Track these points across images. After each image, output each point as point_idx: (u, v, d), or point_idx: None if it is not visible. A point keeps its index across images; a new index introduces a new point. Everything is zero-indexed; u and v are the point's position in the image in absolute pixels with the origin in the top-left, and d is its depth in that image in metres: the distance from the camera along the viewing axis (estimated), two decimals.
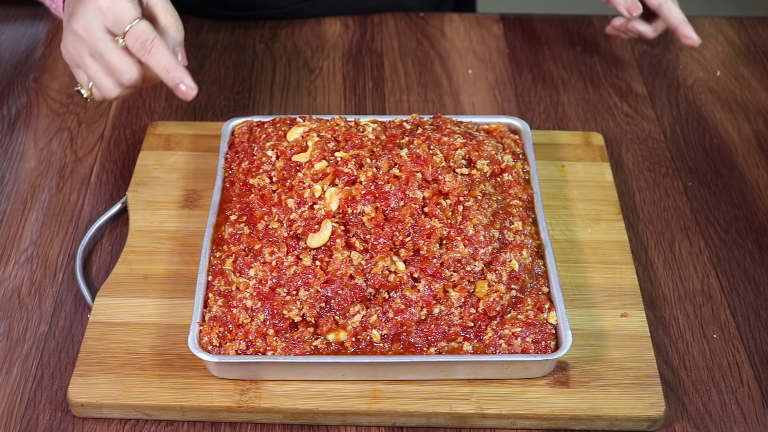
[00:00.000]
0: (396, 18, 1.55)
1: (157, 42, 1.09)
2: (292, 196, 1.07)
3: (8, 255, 1.16)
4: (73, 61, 1.15)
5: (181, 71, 1.10)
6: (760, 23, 1.57)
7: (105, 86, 1.14)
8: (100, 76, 1.13)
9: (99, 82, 1.14)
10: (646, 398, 1.00)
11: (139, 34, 1.09)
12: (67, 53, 1.15)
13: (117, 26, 1.09)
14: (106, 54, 1.11)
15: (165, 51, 1.10)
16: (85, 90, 1.16)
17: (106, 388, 1.00)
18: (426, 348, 1.01)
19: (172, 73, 1.10)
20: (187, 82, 1.10)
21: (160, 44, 1.09)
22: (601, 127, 1.36)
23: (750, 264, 1.17)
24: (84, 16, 1.10)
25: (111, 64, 1.11)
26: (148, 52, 1.09)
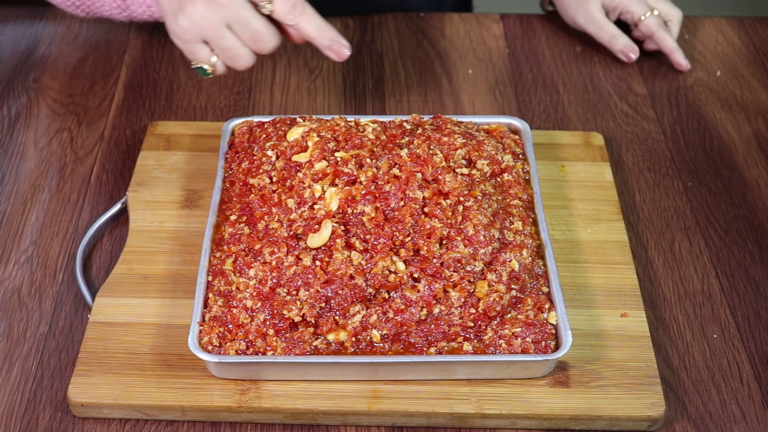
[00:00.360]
0: (396, 18, 1.55)
1: (306, 4, 1.09)
2: (292, 196, 1.07)
3: (8, 255, 1.16)
4: (199, 34, 1.11)
5: (333, 30, 1.10)
6: (760, 23, 1.57)
7: (242, 57, 1.12)
8: (238, 48, 1.11)
9: (236, 52, 1.11)
10: (646, 398, 1.00)
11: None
12: (194, 25, 1.10)
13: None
14: (251, 22, 1.09)
15: (314, 12, 1.10)
16: (209, 66, 1.14)
17: (106, 388, 1.00)
18: (426, 348, 1.01)
19: (327, 32, 1.11)
20: (342, 40, 1.11)
21: (309, 5, 1.09)
22: (601, 127, 1.36)
23: (750, 264, 1.17)
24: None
25: (256, 31, 1.10)
26: (302, 11, 1.09)
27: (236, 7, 1.09)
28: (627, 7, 1.46)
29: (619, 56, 1.45)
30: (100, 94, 1.39)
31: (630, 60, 1.45)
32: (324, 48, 1.11)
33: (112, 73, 1.43)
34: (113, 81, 1.42)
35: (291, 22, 1.10)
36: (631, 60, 1.45)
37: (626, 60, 1.45)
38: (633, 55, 1.44)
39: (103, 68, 1.44)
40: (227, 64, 1.14)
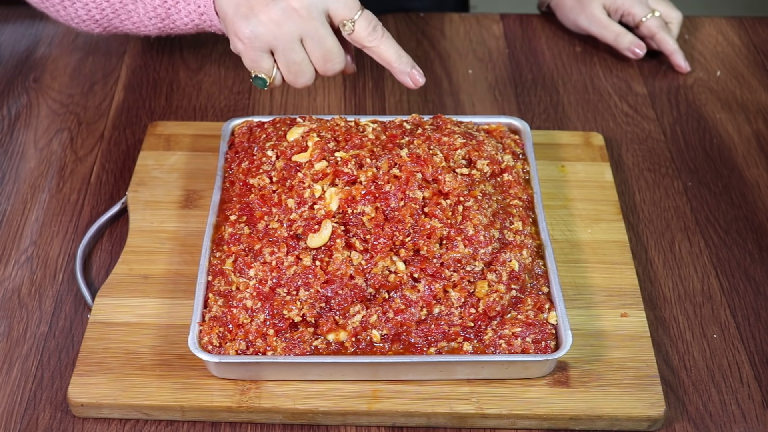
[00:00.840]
0: (396, 18, 1.55)
1: (385, 29, 1.07)
2: (292, 196, 1.07)
3: (8, 255, 1.16)
4: (269, 42, 1.06)
5: (410, 58, 1.09)
6: (760, 23, 1.57)
7: (305, 74, 1.09)
8: (305, 64, 1.07)
9: (300, 69, 1.08)
10: (646, 398, 1.00)
11: (371, 19, 1.06)
12: (267, 32, 1.05)
13: (347, 11, 1.06)
14: (325, 39, 1.06)
15: (392, 37, 1.08)
16: (269, 78, 1.10)
17: (106, 388, 1.00)
18: (426, 348, 1.01)
19: (405, 58, 1.09)
20: (418, 68, 1.09)
21: (386, 31, 1.08)
22: (601, 127, 1.37)
23: (750, 264, 1.17)
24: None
25: (329, 51, 1.07)
26: (382, 35, 1.07)
27: (315, 21, 1.05)
28: (628, 8, 1.46)
29: (626, 54, 1.45)
30: (100, 94, 1.40)
31: (638, 56, 1.45)
32: (401, 73, 1.09)
33: (112, 73, 1.43)
34: (113, 81, 1.42)
35: (371, 44, 1.07)
36: (638, 56, 1.44)
37: (634, 57, 1.45)
38: (640, 51, 1.44)
39: (103, 68, 1.44)
40: (287, 79, 1.10)
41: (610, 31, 1.46)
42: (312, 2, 1.04)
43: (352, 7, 1.06)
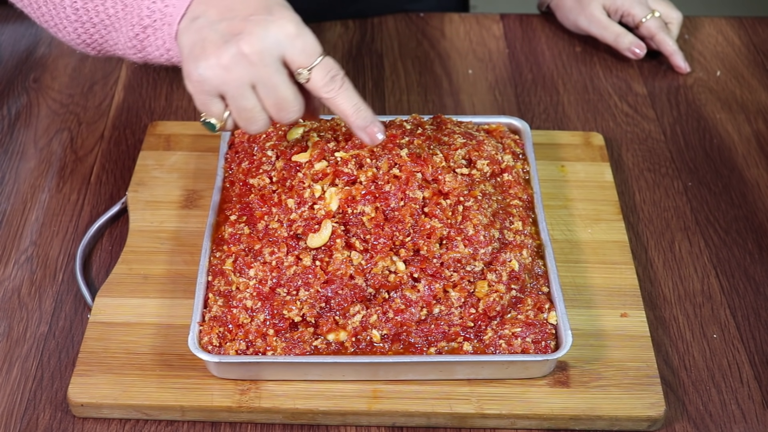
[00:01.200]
0: (396, 19, 1.55)
1: (347, 79, 0.99)
2: (292, 196, 1.07)
3: (8, 255, 1.16)
4: (219, 87, 0.98)
5: (371, 111, 1.00)
6: (760, 23, 1.57)
7: (257, 121, 1.00)
8: (257, 111, 0.99)
9: (252, 116, 0.99)
10: (646, 398, 1.00)
11: (330, 68, 0.97)
12: (216, 77, 0.97)
13: (304, 58, 0.96)
14: (280, 87, 0.97)
15: (353, 88, 0.99)
16: (219, 122, 1.01)
17: (106, 388, 1.00)
18: (426, 348, 1.01)
19: (363, 113, 1.00)
20: (378, 124, 1.00)
21: (348, 81, 0.99)
22: (601, 127, 1.37)
23: (750, 264, 1.17)
24: (262, 39, 0.95)
25: (282, 99, 0.98)
26: (340, 87, 0.98)
27: (268, 68, 0.96)
28: (628, 9, 1.46)
29: (627, 54, 1.45)
30: (100, 94, 1.39)
31: (638, 56, 1.45)
32: (357, 129, 1.01)
33: (112, 73, 1.43)
34: (113, 81, 1.42)
35: (327, 95, 0.98)
36: (638, 56, 1.45)
37: (634, 57, 1.45)
38: (640, 51, 1.44)
39: (103, 68, 1.44)
40: (239, 125, 1.02)
41: (610, 31, 1.46)
42: (265, 47, 0.95)
43: (310, 54, 0.97)
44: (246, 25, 0.96)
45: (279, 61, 0.96)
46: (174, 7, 1.01)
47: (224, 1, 0.98)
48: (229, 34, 0.96)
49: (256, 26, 0.95)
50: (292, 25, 0.96)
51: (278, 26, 0.95)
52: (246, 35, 0.95)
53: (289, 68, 0.98)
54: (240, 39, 0.95)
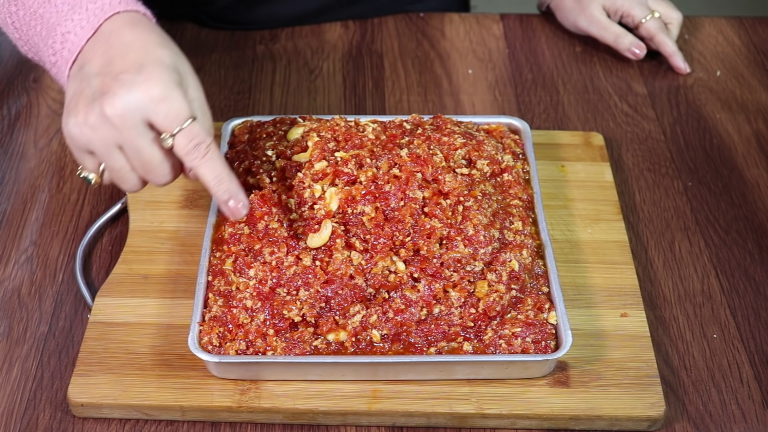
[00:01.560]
0: (396, 19, 1.55)
1: (213, 147, 0.95)
2: (292, 196, 1.07)
3: (8, 255, 1.16)
4: (86, 145, 0.96)
5: (234, 184, 0.97)
6: (760, 23, 1.57)
7: (128, 181, 0.98)
8: (126, 171, 0.97)
9: (123, 176, 0.97)
10: (646, 398, 1.00)
11: (194, 135, 0.94)
12: (81, 135, 0.95)
13: (168, 123, 0.93)
14: (144, 151, 0.94)
15: (219, 158, 0.95)
16: (95, 176, 0.99)
17: (106, 388, 1.00)
18: (426, 348, 1.01)
19: (225, 185, 0.96)
20: (241, 197, 0.97)
21: (214, 149, 0.95)
22: (601, 127, 1.37)
23: (750, 264, 1.17)
24: (124, 102, 0.92)
25: (147, 163, 0.95)
26: (203, 156, 0.94)
27: (131, 132, 0.93)
28: (628, 10, 1.46)
29: (627, 54, 1.45)
30: None
31: (638, 57, 1.45)
32: (219, 202, 0.97)
33: None
34: None
35: (189, 164, 0.95)
36: (638, 57, 1.45)
37: (634, 57, 1.45)
38: (640, 52, 1.44)
39: None
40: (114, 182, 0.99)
41: (609, 32, 1.46)
42: (127, 110, 0.92)
43: (173, 119, 0.93)
44: (113, 84, 0.93)
45: (143, 124, 0.94)
46: (69, 51, 0.99)
47: (108, 52, 0.96)
48: (99, 92, 0.94)
49: (120, 87, 0.93)
50: (158, 88, 0.92)
51: (143, 89, 0.92)
52: (110, 96, 0.93)
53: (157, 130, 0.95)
54: (104, 100, 0.93)
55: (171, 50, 0.97)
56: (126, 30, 0.97)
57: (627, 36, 1.45)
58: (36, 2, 1.02)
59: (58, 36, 1.00)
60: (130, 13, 0.99)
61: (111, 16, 0.98)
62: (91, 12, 0.99)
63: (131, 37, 0.96)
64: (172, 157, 0.96)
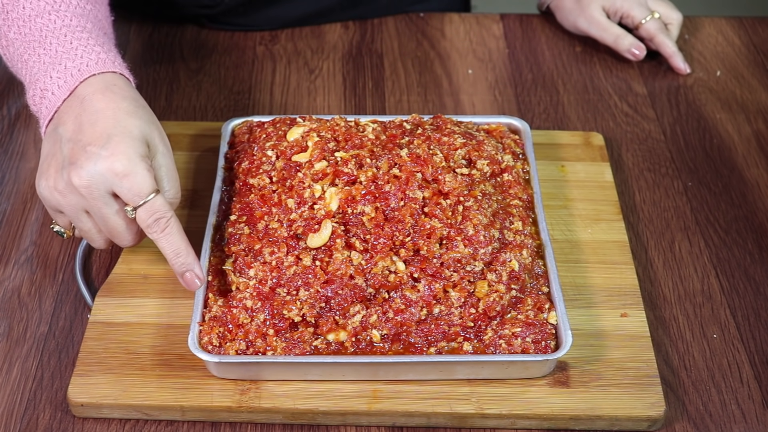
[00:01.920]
0: (396, 19, 1.55)
1: (173, 222, 1.00)
2: (292, 196, 1.07)
3: (8, 255, 1.16)
4: (56, 207, 1.02)
5: (191, 257, 1.01)
6: (760, 23, 1.57)
7: (95, 241, 1.05)
8: (93, 233, 1.04)
9: (90, 237, 1.05)
10: (646, 398, 1.00)
11: (155, 210, 0.99)
12: (52, 197, 1.01)
13: (131, 197, 0.98)
14: (109, 219, 1.01)
15: (178, 232, 1.00)
16: (67, 231, 1.07)
17: (106, 388, 1.00)
18: (426, 348, 1.01)
19: (182, 258, 1.01)
20: (197, 270, 1.01)
21: (174, 223, 1.00)
22: (601, 127, 1.36)
23: (750, 264, 1.17)
24: (91, 174, 0.98)
25: (112, 228, 1.02)
26: (162, 230, 1.00)
27: (97, 201, 0.99)
28: (628, 11, 1.46)
29: (626, 55, 1.45)
30: None
31: (637, 58, 1.45)
32: (176, 273, 1.01)
33: None
34: None
35: (151, 236, 1.00)
36: (638, 58, 1.44)
37: (634, 58, 1.45)
38: (640, 53, 1.44)
39: None
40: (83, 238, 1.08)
41: (609, 33, 1.46)
42: (93, 182, 0.98)
43: (135, 194, 0.98)
44: (80, 156, 0.98)
45: (108, 195, 0.99)
46: (47, 108, 1.04)
47: (80, 117, 1.00)
48: (68, 160, 0.99)
49: (87, 160, 0.98)
50: (122, 164, 0.97)
51: (108, 164, 0.97)
52: (77, 167, 0.98)
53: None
54: (72, 170, 0.98)
55: (140, 119, 1.02)
56: (98, 96, 1.01)
57: (627, 37, 1.45)
58: (22, 46, 1.07)
59: (38, 91, 1.04)
60: (105, 75, 1.03)
61: (87, 79, 1.02)
62: (69, 72, 1.03)
63: (103, 105, 1.01)
64: (136, 224, 1.02)
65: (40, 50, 1.05)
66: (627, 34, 1.45)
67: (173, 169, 1.04)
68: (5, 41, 1.09)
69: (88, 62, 1.03)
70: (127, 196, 0.99)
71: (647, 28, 1.45)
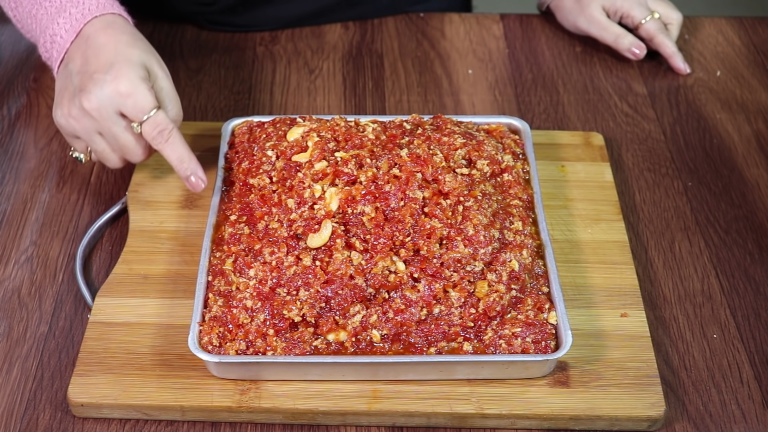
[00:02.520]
0: (396, 19, 1.55)
1: (175, 133, 1.13)
2: (292, 196, 1.07)
3: (8, 255, 1.16)
4: (73, 132, 1.15)
5: (194, 163, 1.14)
6: (760, 23, 1.57)
7: (110, 160, 1.16)
8: (107, 152, 1.15)
9: (105, 156, 1.16)
10: (646, 398, 1.00)
11: (158, 123, 1.11)
12: (68, 124, 1.14)
13: (135, 114, 1.11)
14: (119, 136, 1.12)
15: (180, 141, 1.13)
16: (84, 155, 1.18)
17: (106, 388, 1.00)
18: (426, 348, 1.01)
19: (186, 164, 1.14)
20: (199, 173, 1.14)
21: (176, 134, 1.13)
22: (601, 127, 1.37)
23: (750, 264, 1.17)
24: (98, 97, 1.10)
25: (123, 145, 1.13)
26: (165, 140, 1.12)
27: (107, 122, 1.11)
28: (627, 11, 1.46)
29: (627, 55, 1.45)
30: None
31: (638, 57, 1.44)
32: (182, 177, 1.15)
33: None
34: None
35: (155, 147, 1.13)
36: (638, 57, 1.44)
37: (634, 57, 1.45)
38: (640, 52, 1.44)
39: None
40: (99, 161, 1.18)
41: (609, 32, 1.46)
42: (102, 104, 1.10)
43: (139, 111, 1.10)
44: (88, 83, 1.11)
45: (116, 115, 1.11)
46: (57, 51, 1.17)
47: (86, 52, 1.13)
48: (78, 89, 1.12)
49: (94, 86, 1.10)
50: (125, 85, 1.10)
51: (113, 86, 1.09)
52: (86, 93, 1.10)
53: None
54: (82, 96, 1.11)
55: (139, 48, 1.14)
56: (101, 33, 1.14)
57: (627, 36, 1.45)
58: (29, 3, 1.20)
59: (47, 37, 1.18)
60: (106, 17, 1.16)
61: (90, 20, 1.15)
62: (74, 17, 1.16)
63: (105, 39, 1.13)
64: (144, 140, 1.14)
65: (46, 3, 1.18)
66: (627, 33, 1.45)
67: (173, 91, 1.15)
68: (14, 3, 1.23)
69: (90, 7, 1.15)
70: (132, 114, 1.11)
71: (647, 28, 1.45)
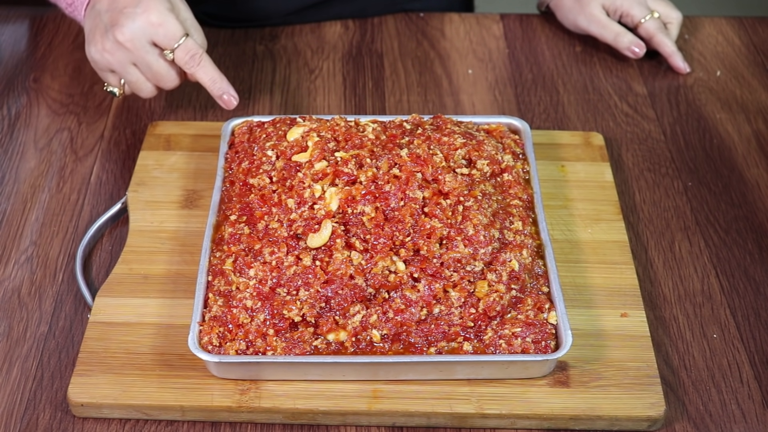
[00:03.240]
0: (396, 19, 1.55)
1: (205, 57, 1.22)
2: (292, 196, 1.07)
3: (8, 255, 1.16)
4: (107, 66, 1.23)
5: (225, 83, 1.24)
6: (760, 23, 1.57)
7: (145, 90, 1.25)
8: (142, 82, 1.24)
9: (140, 87, 1.24)
10: (646, 398, 1.00)
11: (189, 49, 1.21)
12: (102, 59, 1.22)
13: (167, 41, 1.20)
14: (153, 64, 1.21)
15: (211, 64, 1.23)
16: (118, 89, 1.26)
17: (106, 388, 1.00)
18: (426, 348, 1.01)
19: (218, 83, 1.23)
20: (231, 92, 1.24)
21: (206, 58, 1.22)
22: (601, 127, 1.37)
23: (750, 264, 1.17)
24: (131, 29, 1.19)
25: (157, 73, 1.22)
26: (197, 64, 1.22)
27: (140, 51, 1.20)
28: (627, 10, 1.46)
29: (626, 53, 1.45)
30: (100, 94, 1.39)
31: (637, 56, 1.44)
32: (215, 97, 1.24)
33: None
34: None
35: (188, 71, 1.23)
36: (638, 56, 1.44)
37: (633, 56, 1.45)
38: (639, 50, 1.44)
39: None
40: (134, 92, 1.27)
41: (609, 30, 1.46)
42: (135, 35, 1.19)
43: (171, 38, 1.20)
44: (119, 17, 1.20)
45: (149, 44, 1.21)
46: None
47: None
48: (109, 24, 1.20)
49: (126, 18, 1.19)
50: (155, 15, 1.19)
51: (143, 18, 1.19)
52: (119, 27, 1.19)
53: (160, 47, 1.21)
54: (115, 30, 1.19)
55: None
56: None
57: (626, 34, 1.45)
58: None
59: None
60: None
61: None
62: None
63: None
64: (176, 67, 1.24)
65: None
66: (627, 31, 1.45)
67: (195, 21, 1.25)
68: None
69: None
70: (163, 42, 1.20)
71: (647, 27, 1.45)
